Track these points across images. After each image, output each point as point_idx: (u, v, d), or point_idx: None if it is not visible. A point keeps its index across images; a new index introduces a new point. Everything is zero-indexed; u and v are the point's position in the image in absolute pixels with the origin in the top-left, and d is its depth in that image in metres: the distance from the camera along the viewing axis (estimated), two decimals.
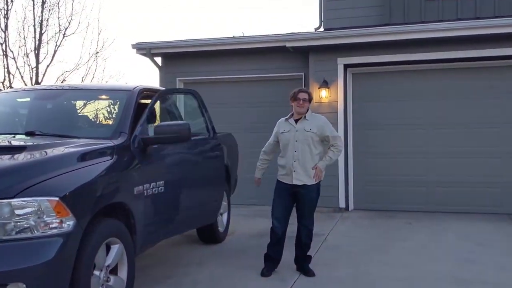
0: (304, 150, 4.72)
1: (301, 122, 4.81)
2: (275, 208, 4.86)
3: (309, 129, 4.74)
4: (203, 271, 5.04)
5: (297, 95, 4.81)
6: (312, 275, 4.77)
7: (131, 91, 4.52)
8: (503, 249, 5.75)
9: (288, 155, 4.78)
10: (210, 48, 9.21)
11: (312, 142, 4.74)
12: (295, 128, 4.79)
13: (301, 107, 4.79)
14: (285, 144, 4.83)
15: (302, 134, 4.74)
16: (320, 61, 8.33)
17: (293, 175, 4.73)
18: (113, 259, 3.60)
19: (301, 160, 4.72)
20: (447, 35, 7.48)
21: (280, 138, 4.91)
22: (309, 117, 4.84)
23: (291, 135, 4.79)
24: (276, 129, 5.01)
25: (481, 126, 7.94)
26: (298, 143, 4.74)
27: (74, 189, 3.16)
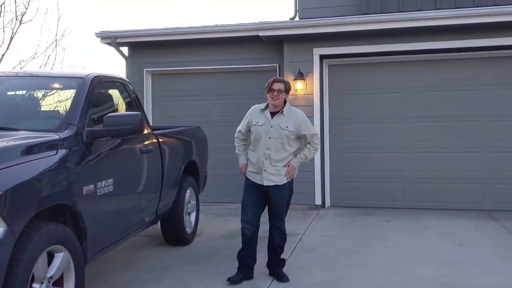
0: (277, 149, 4.30)
1: (277, 117, 4.33)
2: (244, 207, 4.44)
3: (286, 126, 4.29)
4: (168, 278, 4.59)
5: (272, 85, 4.29)
6: (286, 280, 4.37)
7: (83, 78, 4.02)
8: (486, 249, 5.46)
9: (259, 151, 4.35)
10: (179, 37, 8.72)
11: (287, 140, 4.31)
12: (270, 123, 4.32)
13: (276, 99, 4.28)
14: (257, 138, 4.38)
15: (276, 131, 4.29)
16: (295, 51, 7.93)
17: (263, 174, 4.32)
18: (57, 269, 3.12)
19: (273, 159, 4.31)
20: (427, 24, 7.18)
21: (252, 130, 4.44)
22: (287, 112, 4.35)
23: (265, 130, 4.32)
24: (248, 118, 4.48)
25: (461, 119, 7.68)
26: (271, 140, 4.29)
27: (5, 191, 2.66)
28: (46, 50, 13.70)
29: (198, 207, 6.28)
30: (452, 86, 7.68)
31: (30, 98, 4.21)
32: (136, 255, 5.40)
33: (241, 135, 4.58)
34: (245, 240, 4.42)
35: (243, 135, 4.56)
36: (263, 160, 4.31)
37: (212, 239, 6.11)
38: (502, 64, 7.54)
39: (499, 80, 7.53)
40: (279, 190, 4.36)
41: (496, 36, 7.17)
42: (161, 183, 4.99)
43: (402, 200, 7.85)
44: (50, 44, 13.31)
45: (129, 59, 9.22)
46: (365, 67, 7.99)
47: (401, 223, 6.81)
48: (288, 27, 7.84)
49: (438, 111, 7.72)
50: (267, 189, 4.35)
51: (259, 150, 4.35)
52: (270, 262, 4.55)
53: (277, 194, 4.36)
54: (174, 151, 5.51)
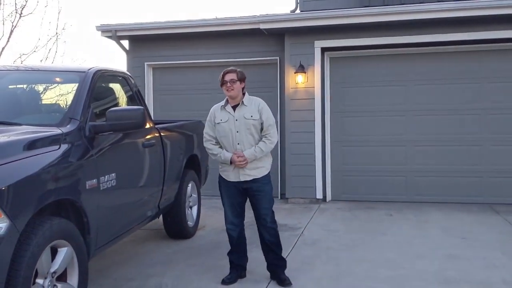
0: (247, 141, 4.12)
1: (239, 108, 4.15)
2: (226, 209, 4.31)
3: (250, 116, 4.11)
4: (170, 272, 4.59)
5: (223, 77, 4.15)
6: (288, 284, 4.16)
7: (85, 72, 4.00)
8: (488, 243, 5.45)
9: (230, 148, 4.15)
10: (180, 30, 8.67)
11: (255, 130, 4.14)
12: (234, 117, 4.13)
13: (231, 90, 4.11)
14: (224, 136, 4.17)
15: (243, 123, 4.11)
16: (296, 44, 7.89)
17: (239, 170, 4.13)
18: (61, 264, 3.12)
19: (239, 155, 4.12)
20: (429, 17, 7.12)
21: (217, 130, 4.21)
22: (247, 102, 4.18)
23: (230, 125, 4.13)
24: (211, 119, 4.26)
25: (462, 112, 7.65)
26: (239, 134, 4.11)
27: (8, 186, 2.65)
28: (47, 43, 13.66)
29: (199, 201, 6.28)
30: (454, 79, 7.64)
31: (31, 92, 4.18)
32: (138, 249, 5.40)
33: (210, 137, 4.30)
34: (232, 242, 4.34)
35: (212, 137, 4.28)
36: (235, 158, 4.11)
37: (214, 232, 6.11)
38: (503, 57, 7.50)
39: (501, 73, 7.49)
40: (259, 184, 4.17)
41: (499, 28, 7.12)
42: (163, 177, 4.98)
43: (404, 194, 7.84)
44: (51, 38, 13.25)
45: (129, 52, 9.18)
46: (367, 59, 7.95)
47: (403, 217, 6.81)
48: (289, 19, 7.79)
49: (439, 105, 7.69)
50: (246, 186, 4.17)
51: (229, 148, 4.16)
52: (269, 264, 4.33)
53: (258, 188, 4.17)
54: (176, 145, 5.49)
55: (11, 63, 10.61)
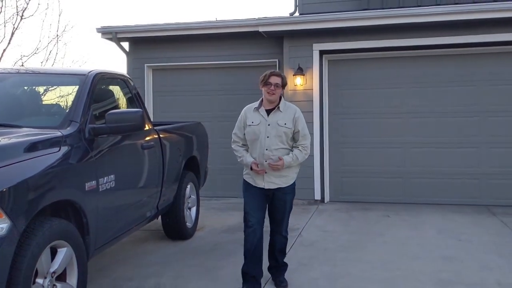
0: (277, 148, 3.99)
1: (274, 114, 4.02)
2: (248, 212, 4.07)
3: (284, 123, 3.98)
4: (169, 272, 4.65)
5: (268, 79, 3.97)
6: (284, 286, 4.21)
7: (85, 75, 4.06)
8: (484, 244, 5.50)
9: (258, 153, 4.01)
10: (180, 32, 8.73)
11: (285, 138, 4.01)
12: (267, 121, 4.00)
13: (272, 94, 3.97)
14: (254, 139, 4.04)
15: (274, 129, 3.98)
16: (295, 47, 7.95)
17: (264, 177, 4.02)
18: (60, 264, 3.18)
19: (274, 160, 3.98)
20: (426, 20, 7.19)
21: (247, 131, 4.09)
22: (284, 108, 4.05)
23: (262, 129, 3.99)
24: (242, 120, 4.15)
25: (459, 115, 7.71)
26: (269, 139, 3.97)
27: (8, 188, 2.71)
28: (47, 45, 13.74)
29: (198, 202, 6.33)
30: (451, 82, 7.70)
31: (32, 94, 4.24)
32: (137, 249, 5.45)
33: (238, 139, 4.20)
34: (250, 249, 4.06)
35: (240, 138, 4.19)
36: (263, 162, 3.98)
37: (213, 233, 6.16)
38: (500, 60, 7.55)
39: (497, 76, 7.55)
40: (282, 194, 4.09)
41: (495, 32, 7.18)
42: (162, 179, 5.03)
43: (401, 195, 7.89)
44: (52, 40, 13.34)
45: (130, 54, 9.24)
46: (365, 62, 8.01)
47: (399, 218, 6.86)
48: (288, 22, 7.85)
49: (437, 107, 7.75)
50: (269, 193, 4.08)
51: (257, 152, 4.03)
52: (271, 267, 4.36)
53: (280, 197, 4.09)
54: (175, 147, 5.55)
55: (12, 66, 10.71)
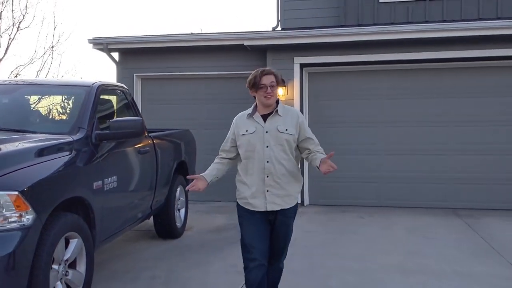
0: (279, 159, 3.33)
1: (271, 119, 3.37)
2: (247, 242, 3.37)
3: (285, 129, 3.34)
4: (161, 266, 5.11)
5: (261, 79, 3.30)
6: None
7: (90, 86, 4.53)
8: (447, 242, 6.09)
9: (256, 167, 3.35)
10: (168, 44, 9.22)
11: (288, 147, 3.37)
12: (264, 128, 3.36)
13: (270, 97, 3.32)
14: (250, 151, 3.36)
15: (274, 137, 3.34)
16: (278, 60, 8.50)
17: (266, 197, 3.34)
18: (72, 253, 3.63)
19: (277, 173, 3.33)
20: (398, 37, 7.80)
21: (240, 143, 3.42)
22: (282, 112, 3.40)
23: (258, 138, 3.34)
24: (232, 130, 3.51)
25: (429, 124, 8.32)
26: (269, 150, 3.33)
27: (34, 184, 3.18)
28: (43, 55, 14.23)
29: (187, 204, 6.80)
30: (419, 93, 8.33)
31: (43, 103, 4.69)
32: (131, 247, 5.90)
33: (222, 151, 3.58)
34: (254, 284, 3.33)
35: (225, 151, 3.56)
36: (264, 178, 3.33)
37: (201, 233, 6.63)
38: (467, 74, 8.21)
39: (466, 89, 8.20)
40: (285, 217, 3.43)
41: (467, 48, 7.78)
42: (155, 181, 5.50)
43: (375, 199, 8.47)
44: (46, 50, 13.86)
45: (119, 64, 9.68)
46: (342, 75, 8.60)
47: (373, 219, 7.43)
48: (271, 37, 8.41)
49: (408, 117, 8.37)
50: (271, 217, 3.41)
51: (255, 166, 3.35)
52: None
53: (283, 222, 3.43)
54: (167, 152, 6.03)
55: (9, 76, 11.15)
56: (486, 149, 8.13)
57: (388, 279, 4.69)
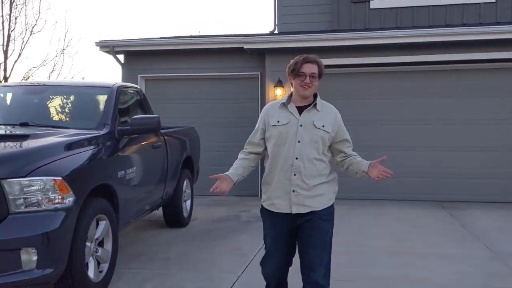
0: (310, 157, 3.00)
1: (308, 112, 3.06)
2: (266, 253, 3.19)
3: (321, 125, 3.03)
4: (173, 249, 5.64)
5: (301, 68, 3.02)
6: None
7: (111, 87, 5.06)
8: (432, 229, 6.67)
9: (284, 163, 3.00)
10: (171, 47, 9.77)
11: (322, 146, 3.05)
12: (299, 121, 3.03)
13: (308, 88, 3.04)
14: (279, 145, 3.03)
15: (309, 132, 3.01)
16: (275, 62, 9.05)
17: (291, 198, 2.99)
18: (101, 233, 4.16)
19: (307, 173, 2.99)
20: (388, 42, 8.40)
21: (270, 135, 3.08)
22: (321, 107, 3.11)
23: (291, 131, 3.01)
24: (262, 120, 3.16)
25: (417, 123, 8.92)
26: (301, 145, 2.99)
27: (73, 171, 3.71)
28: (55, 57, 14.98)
29: (192, 196, 7.33)
30: (410, 94, 8.92)
31: (71, 102, 5.22)
32: (142, 235, 6.42)
33: (248, 144, 3.24)
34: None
35: (252, 144, 3.21)
36: (290, 176, 2.98)
37: (205, 223, 7.17)
38: (450, 76, 8.81)
39: (450, 90, 8.79)
40: (317, 220, 3.01)
41: (445, 52, 8.41)
42: (166, 174, 6.03)
43: (368, 193, 9.03)
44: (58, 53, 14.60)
45: (125, 65, 10.20)
46: (336, 76, 9.14)
47: (365, 211, 7.99)
48: (269, 41, 8.97)
49: (398, 116, 8.95)
50: (299, 221, 3.03)
51: (282, 161, 3.01)
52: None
53: (315, 225, 3.00)
54: (176, 147, 6.55)
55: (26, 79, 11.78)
56: (469, 147, 8.74)
57: (377, 259, 5.25)
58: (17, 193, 3.41)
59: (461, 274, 4.74)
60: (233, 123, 9.57)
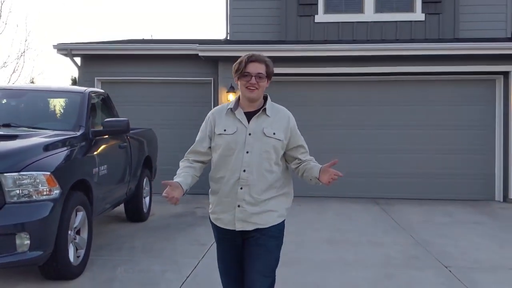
0: (260, 170, 2.76)
1: (257, 119, 2.81)
2: (220, 260, 2.99)
3: (272, 132, 2.79)
4: (137, 240, 6.21)
5: (246, 67, 2.78)
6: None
7: (83, 92, 5.59)
8: (366, 222, 7.58)
9: (231, 176, 2.77)
10: (127, 52, 10.25)
11: (275, 154, 2.81)
12: (247, 129, 2.79)
13: (254, 90, 2.77)
14: (225, 156, 2.78)
15: (259, 141, 2.77)
16: (228, 69, 9.61)
17: (235, 213, 2.77)
18: (79, 222, 4.71)
19: (255, 187, 2.76)
20: (329, 54, 9.29)
21: (216, 145, 2.83)
22: (271, 111, 2.86)
23: (239, 140, 2.77)
24: (208, 127, 2.89)
25: (353, 128, 9.89)
26: (250, 155, 2.75)
27: (59, 167, 4.25)
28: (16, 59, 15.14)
29: (151, 193, 7.90)
30: (347, 102, 9.88)
31: (47, 106, 5.68)
32: (106, 228, 6.93)
33: (191, 153, 2.96)
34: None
35: (196, 152, 2.94)
36: (237, 190, 2.76)
37: (163, 218, 7.75)
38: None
39: (388, 99, 9.81)
40: (263, 237, 2.79)
41: (382, 65, 9.42)
42: (130, 172, 6.59)
43: (311, 191, 9.82)
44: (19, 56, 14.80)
45: (81, 68, 10.57)
46: (282, 84, 9.91)
47: (308, 206, 8.83)
48: (222, 50, 9.65)
49: (337, 121, 9.88)
50: (245, 236, 2.83)
51: (229, 174, 2.76)
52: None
53: (259, 243, 2.78)
54: (137, 148, 7.11)
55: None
56: (400, 150, 9.81)
57: (319, 246, 6.06)
58: (12, 185, 3.93)
59: (387, 257, 5.63)
60: (186, 125, 10.14)
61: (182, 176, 2.83)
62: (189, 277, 4.81)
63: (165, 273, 4.92)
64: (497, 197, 9.62)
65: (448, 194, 9.66)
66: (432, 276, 4.97)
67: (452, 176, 9.73)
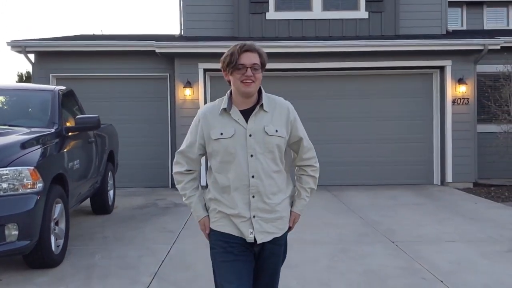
0: (269, 172, 2.54)
1: (256, 117, 2.55)
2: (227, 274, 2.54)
3: (274, 130, 2.54)
4: (107, 230, 6.52)
5: (240, 57, 2.49)
6: None
7: (53, 90, 5.83)
8: (319, 206, 8.18)
9: (238, 184, 2.52)
10: (83, 48, 10.37)
11: (279, 154, 2.58)
12: (246, 130, 2.53)
13: (251, 83, 2.49)
14: (227, 162, 2.53)
15: (261, 142, 2.53)
16: (184, 65, 10.09)
17: (252, 223, 2.54)
18: (58, 214, 5.00)
19: (265, 192, 2.54)
20: (279, 51, 9.81)
21: (213, 151, 2.56)
22: (268, 106, 2.59)
23: (239, 143, 2.51)
24: (200, 131, 2.59)
25: (309, 120, 10.43)
26: (255, 159, 2.51)
27: (41, 162, 4.53)
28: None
29: (114, 187, 8.17)
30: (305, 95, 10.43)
31: (20, 104, 5.86)
32: (74, 220, 7.13)
33: (184, 160, 2.66)
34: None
35: (190, 160, 2.65)
36: (249, 199, 2.52)
37: (127, 210, 8.05)
38: (334, 81, 10.52)
39: (337, 92, 10.49)
40: (275, 246, 2.64)
41: (330, 60, 10.07)
42: (97, 165, 6.86)
43: None
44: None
45: (35, 65, 10.58)
46: None
47: None
48: (178, 46, 9.99)
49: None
50: (256, 249, 2.60)
51: (235, 184, 2.52)
52: None
53: (274, 252, 2.66)
54: (101, 143, 7.37)
55: None
56: (346, 139, 10.54)
57: None
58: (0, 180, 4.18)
59: (341, 235, 6.26)
60: (144, 120, 10.44)
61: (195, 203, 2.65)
62: (165, 260, 5.20)
63: (141, 257, 5.29)
64: (435, 181, 10.56)
65: (392, 180, 10.49)
66: (381, 249, 5.63)
67: (395, 163, 10.56)
